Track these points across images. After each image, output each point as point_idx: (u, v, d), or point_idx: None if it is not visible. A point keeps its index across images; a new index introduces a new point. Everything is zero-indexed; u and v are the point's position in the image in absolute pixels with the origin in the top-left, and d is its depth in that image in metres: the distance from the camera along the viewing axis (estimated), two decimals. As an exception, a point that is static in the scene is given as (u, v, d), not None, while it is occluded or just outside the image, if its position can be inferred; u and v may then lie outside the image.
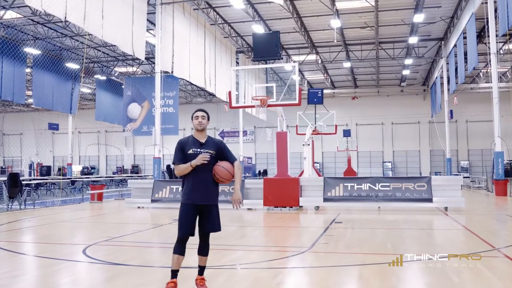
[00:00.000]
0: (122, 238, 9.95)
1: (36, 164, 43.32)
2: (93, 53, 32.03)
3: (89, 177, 31.51)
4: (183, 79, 25.34)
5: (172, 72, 21.93)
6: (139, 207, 16.91)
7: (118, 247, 8.82)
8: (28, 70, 28.76)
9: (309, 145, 22.82)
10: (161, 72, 20.73)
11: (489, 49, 20.61)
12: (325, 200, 15.12)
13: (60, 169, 36.25)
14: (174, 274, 5.25)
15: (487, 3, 20.23)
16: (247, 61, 31.16)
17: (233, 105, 15.67)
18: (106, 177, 36.35)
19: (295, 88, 14.94)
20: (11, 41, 24.80)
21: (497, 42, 21.46)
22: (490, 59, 20.40)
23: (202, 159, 5.17)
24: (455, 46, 26.30)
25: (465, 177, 32.68)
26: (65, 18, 15.36)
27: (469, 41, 22.33)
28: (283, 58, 30.21)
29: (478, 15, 21.76)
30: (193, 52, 23.37)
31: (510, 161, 33.05)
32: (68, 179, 27.46)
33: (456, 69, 27.89)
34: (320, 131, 30.21)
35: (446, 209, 14.60)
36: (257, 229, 11.81)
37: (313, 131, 26.88)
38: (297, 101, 14.57)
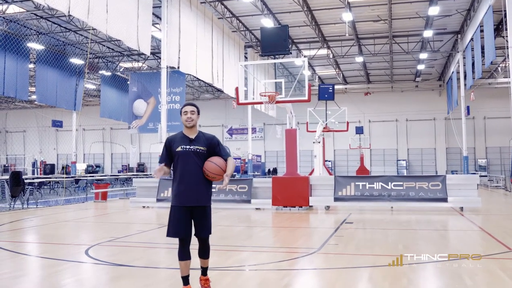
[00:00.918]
0: (126, 238, 10.02)
1: (40, 162, 43.57)
2: (97, 48, 32.17)
3: (93, 176, 31.71)
4: (190, 74, 25.37)
5: (179, 67, 21.96)
6: (144, 207, 17.00)
7: (122, 247, 8.88)
8: (31, 65, 28.93)
9: (319, 142, 22.81)
10: (167, 67, 20.76)
11: (507, 42, 20.41)
12: (336, 199, 15.12)
13: (64, 168, 36.45)
14: (185, 280, 5.17)
15: (505, -5, 20.07)
16: (255, 56, 31.15)
17: (241, 101, 15.71)
18: (111, 175, 36.56)
19: (305, 83, 14.94)
20: (13, 36, 24.96)
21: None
22: (508, 53, 20.23)
23: (155, 174, 5.11)
24: (471, 39, 26.10)
25: (482, 176, 32.52)
26: (69, 12, 15.44)
27: (486, 34, 22.16)
28: (292, 53, 30.16)
29: (495, 8, 21.57)
30: (200, 46, 23.39)
31: (530, 159, 32.78)
32: (72, 177, 27.64)
33: (473, 64, 27.68)
34: (331, 128, 30.15)
35: (461, 209, 14.55)
36: (265, 229, 11.84)
37: (324, 128, 26.85)
38: (306, 97, 14.57)
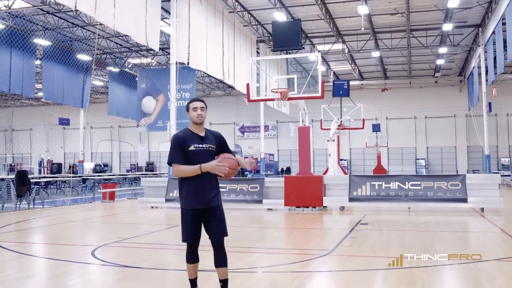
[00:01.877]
0: (134, 239, 10.10)
1: (47, 161, 43.98)
2: (105, 44, 32.36)
3: (101, 175, 31.93)
4: (200, 70, 25.44)
5: (188, 63, 22.03)
6: (152, 207, 17.10)
7: (130, 248, 8.96)
8: (37, 62, 29.19)
9: (334, 140, 22.72)
10: (177, 63, 20.84)
11: (531, 36, 20.25)
12: (351, 200, 15.08)
13: (71, 167, 36.75)
14: (193, 283, 5.14)
15: (528, -14, 19.89)
16: (268, 51, 31.14)
17: (252, 98, 15.72)
18: (119, 175, 36.77)
19: (318, 79, 14.92)
20: (20, 32, 25.19)
21: (540, 29, 21.07)
22: (532, 47, 20.06)
23: (219, 171, 4.77)
24: (493, 33, 25.88)
25: (505, 175, 32.28)
26: (76, 7, 15.57)
27: (508, 27, 21.95)
28: (304, 48, 30.08)
29: (518, -1, 21.40)
30: (211, 42, 23.45)
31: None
32: (79, 177, 27.86)
33: (495, 58, 27.44)
34: (347, 126, 30.06)
35: (482, 210, 14.44)
36: (276, 230, 11.87)
37: (339, 125, 26.77)
38: (319, 94, 14.54)
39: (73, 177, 26.26)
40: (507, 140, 41.78)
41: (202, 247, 5.29)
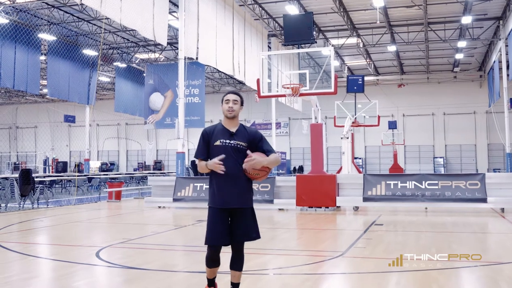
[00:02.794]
0: (140, 240, 10.15)
1: (52, 160, 44.31)
2: (111, 39, 32.51)
3: (107, 174, 32.09)
4: (209, 66, 25.48)
5: (197, 58, 22.08)
6: (160, 207, 17.17)
7: (136, 249, 8.99)
8: (42, 57, 29.38)
9: (348, 138, 22.69)
10: (185, 58, 20.87)
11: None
12: (365, 199, 15.05)
13: (77, 165, 36.97)
14: (211, 282, 5.08)
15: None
16: (279, 45, 31.13)
17: (263, 94, 15.73)
18: (126, 174, 36.95)
19: (332, 74, 14.89)
20: (24, 26, 25.36)
21: None
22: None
23: (218, 168, 4.69)
24: (515, 25, 25.72)
25: (527, 174, 31.99)
26: (81, 1, 15.69)
27: (531, 20, 21.82)
28: (317, 42, 30.02)
29: (542, -9, 21.24)
30: (220, 36, 23.47)
31: None
32: (85, 176, 28.03)
33: (517, 52, 27.26)
34: (361, 123, 29.98)
35: (502, 210, 14.36)
36: (288, 231, 11.87)
37: (353, 123, 26.70)
38: (332, 89, 14.52)
39: (78, 176, 26.43)
40: (529, 138, 41.47)
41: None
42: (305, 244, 9.87)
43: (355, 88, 26.79)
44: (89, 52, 31.25)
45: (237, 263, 4.97)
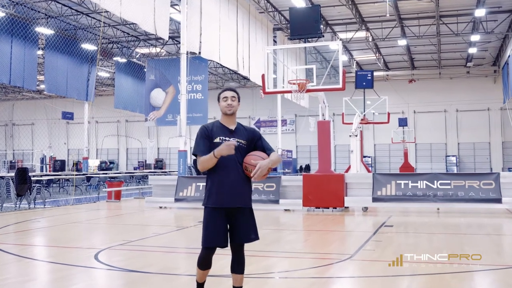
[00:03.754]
0: (141, 241, 10.15)
1: (49, 158, 44.38)
2: (111, 33, 32.53)
3: (106, 173, 32.12)
4: (212, 61, 25.48)
5: (200, 53, 22.08)
6: (161, 207, 17.15)
7: (136, 251, 9.00)
8: (39, 52, 29.39)
9: (356, 136, 22.64)
10: (188, 53, 20.88)
11: None
12: (375, 200, 15.00)
13: (75, 164, 37.02)
14: (201, 287, 5.10)
15: None
16: (285, 39, 31.08)
17: (268, 90, 15.69)
18: (126, 173, 36.95)
19: (339, 70, 14.84)
20: (21, 20, 25.37)
21: None
22: None
23: (229, 147, 4.62)
24: (531, 19, 25.62)
25: (543, 173, 31.87)
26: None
27: (548, 13, 21.72)
28: (324, 36, 29.95)
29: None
30: (224, 30, 23.45)
31: None
32: (83, 175, 28.06)
33: (533, 46, 27.17)
34: (370, 120, 29.92)
35: (517, 211, 14.33)
36: (293, 232, 11.86)
37: (362, 120, 26.67)
38: (340, 85, 14.47)
39: (76, 175, 26.44)
40: (546, 136, 41.32)
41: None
42: (312, 246, 9.85)
43: (364, 84, 26.72)
44: (88, 47, 31.23)
45: (238, 266, 4.98)
